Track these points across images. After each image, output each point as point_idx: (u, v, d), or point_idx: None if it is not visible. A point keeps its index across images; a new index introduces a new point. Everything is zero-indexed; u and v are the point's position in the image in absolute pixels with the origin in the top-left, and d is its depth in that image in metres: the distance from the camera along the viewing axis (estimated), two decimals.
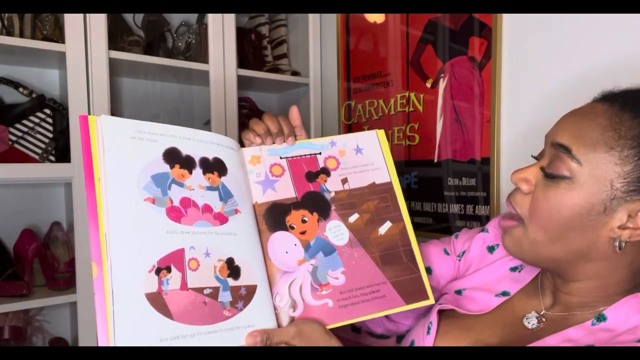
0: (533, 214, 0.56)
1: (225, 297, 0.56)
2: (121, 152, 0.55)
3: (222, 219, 0.60)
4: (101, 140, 0.54)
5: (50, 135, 1.21)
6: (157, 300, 0.51)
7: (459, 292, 0.71)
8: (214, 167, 0.62)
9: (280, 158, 0.69)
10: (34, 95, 1.23)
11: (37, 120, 1.20)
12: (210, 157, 0.62)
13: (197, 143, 0.62)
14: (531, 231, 0.57)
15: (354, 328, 1.05)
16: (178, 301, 0.53)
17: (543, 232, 0.56)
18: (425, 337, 0.64)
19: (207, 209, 0.59)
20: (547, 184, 0.55)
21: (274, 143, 0.70)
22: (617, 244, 0.53)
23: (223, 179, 0.62)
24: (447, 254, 0.79)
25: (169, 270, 0.53)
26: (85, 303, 1.19)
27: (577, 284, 0.58)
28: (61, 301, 1.19)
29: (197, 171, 0.60)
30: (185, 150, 0.60)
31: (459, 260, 0.77)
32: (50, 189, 1.36)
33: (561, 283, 0.60)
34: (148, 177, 0.56)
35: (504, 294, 0.66)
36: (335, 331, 0.61)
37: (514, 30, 1.06)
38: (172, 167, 0.58)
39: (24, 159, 1.18)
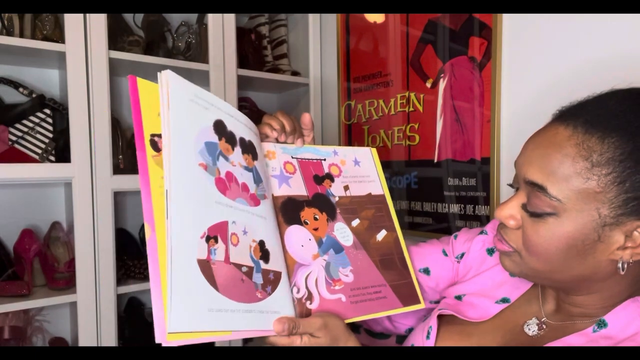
0: (528, 249, 0.55)
1: (258, 278, 0.56)
2: (183, 112, 0.55)
3: (256, 200, 0.61)
4: (166, 95, 0.53)
5: (50, 135, 1.21)
6: (206, 269, 0.51)
7: (458, 297, 0.71)
8: (249, 149, 0.63)
9: (292, 157, 0.72)
10: (34, 95, 1.23)
11: (37, 120, 1.20)
12: (247, 138, 0.63)
13: (238, 123, 0.62)
14: (530, 262, 0.56)
15: (353, 328, 1.05)
16: (223, 273, 0.52)
17: (542, 264, 0.55)
18: (424, 342, 0.64)
19: (245, 187, 0.60)
20: (533, 220, 0.54)
21: (285, 142, 0.72)
22: (620, 265, 0.51)
23: (255, 163, 0.63)
24: (446, 254, 0.79)
25: (216, 240, 0.53)
26: (85, 303, 1.19)
27: (580, 297, 0.58)
28: (61, 301, 1.19)
29: (238, 149, 0.61)
30: (229, 126, 0.60)
31: (458, 262, 0.76)
32: (50, 189, 1.36)
33: (564, 295, 0.60)
34: (202, 143, 0.56)
35: (504, 300, 0.66)
36: None
37: (514, 30, 1.06)
38: (220, 139, 0.58)
39: (24, 159, 1.18)
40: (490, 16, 1.09)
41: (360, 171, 0.77)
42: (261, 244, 0.59)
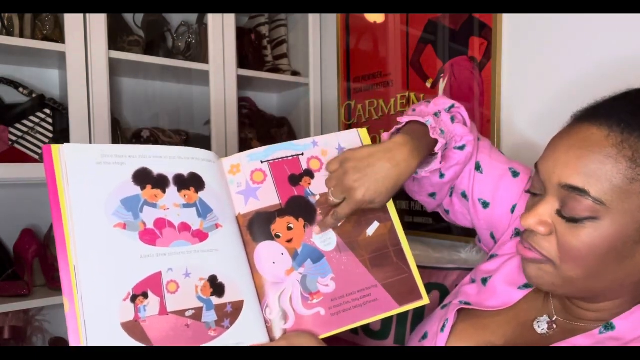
0: (566, 256, 0.52)
1: (209, 316, 0.55)
2: (86, 180, 0.54)
3: (201, 236, 0.58)
4: (65, 170, 0.54)
5: (50, 135, 1.21)
6: (134, 329, 0.50)
7: (484, 280, 0.68)
8: (190, 183, 0.60)
9: (261, 162, 0.66)
10: (34, 95, 1.23)
11: (37, 120, 1.20)
12: (186, 173, 0.60)
13: (170, 160, 0.60)
14: (566, 270, 0.52)
15: (352, 330, 1.05)
16: (158, 327, 0.51)
17: (580, 270, 0.52)
18: (438, 334, 0.63)
19: (184, 227, 0.57)
20: (571, 225, 0.51)
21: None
22: None
23: (201, 194, 0.60)
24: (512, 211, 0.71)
25: (145, 296, 0.52)
26: None
27: (601, 304, 0.56)
28: (61, 301, 1.18)
29: (172, 189, 0.59)
30: (157, 170, 0.58)
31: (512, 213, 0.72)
32: None
33: (582, 303, 0.58)
34: (117, 201, 0.55)
35: (527, 285, 0.64)
36: (330, 336, 0.61)
37: (514, 30, 1.06)
38: (143, 188, 0.57)
39: (24, 159, 1.17)
40: (490, 16, 1.08)
41: None
42: (212, 279, 0.57)
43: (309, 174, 0.67)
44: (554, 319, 0.60)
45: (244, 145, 1.48)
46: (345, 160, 0.63)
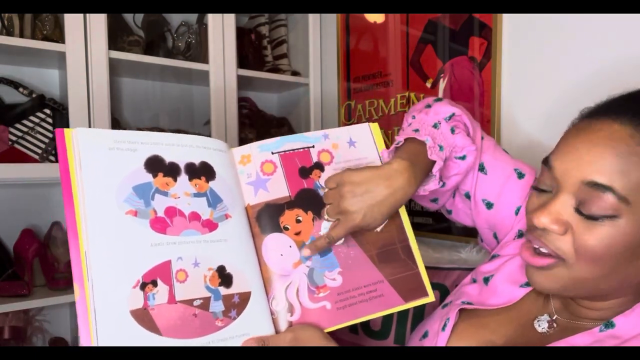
0: (582, 255, 0.51)
1: (217, 307, 0.55)
2: (99, 165, 0.54)
3: (211, 225, 0.58)
4: (77, 154, 0.53)
5: (50, 135, 1.21)
6: (143, 317, 0.51)
7: (486, 280, 0.68)
8: (201, 172, 0.60)
9: (272, 153, 0.66)
10: (34, 95, 1.23)
11: (37, 120, 1.20)
12: (197, 161, 0.60)
13: (182, 148, 0.60)
14: (580, 270, 0.52)
15: (352, 329, 1.05)
16: (166, 316, 0.52)
17: (595, 270, 0.51)
18: (439, 333, 0.63)
19: (194, 216, 0.57)
20: (589, 223, 0.50)
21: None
22: None
23: (211, 183, 0.60)
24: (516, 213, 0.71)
25: (154, 284, 0.52)
26: None
27: (605, 303, 0.56)
28: (61, 301, 1.19)
29: (183, 178, 0.59)
30: (169, 157, 0.58)
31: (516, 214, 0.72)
32: (50, 189, 1.36)
33: (586, 302, 0.58)
34: (129, 188, 0.55)
35: (528, 284, 0.63)
36: (333, 332, 0.61)
37: (514, 30, 1.06)
38: (154, 176, 0.57)
39: (24, 159, 1.18)
40: (490, 16, 1.09)
41: (355, 153, 0.69)
42: (220, 269, 0.57)
43: (319, 166, 0.67)
44: (554, 317, 0.60)
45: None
46: (343, 183, 0.62)
